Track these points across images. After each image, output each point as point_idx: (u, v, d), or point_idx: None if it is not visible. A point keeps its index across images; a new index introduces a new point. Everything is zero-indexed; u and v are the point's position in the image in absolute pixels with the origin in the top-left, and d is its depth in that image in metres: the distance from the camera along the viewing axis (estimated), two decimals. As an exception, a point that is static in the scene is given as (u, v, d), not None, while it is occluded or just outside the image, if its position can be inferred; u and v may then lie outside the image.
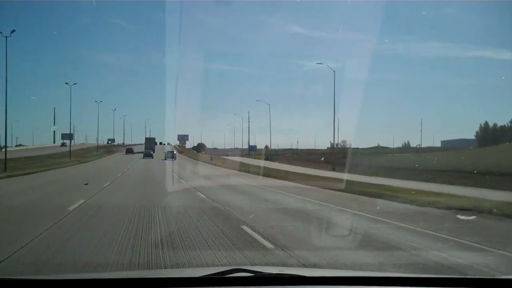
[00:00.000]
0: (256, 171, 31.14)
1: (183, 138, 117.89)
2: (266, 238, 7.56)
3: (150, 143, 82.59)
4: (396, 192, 16.35)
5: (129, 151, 79.26)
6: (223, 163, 48.91)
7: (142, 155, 65.64)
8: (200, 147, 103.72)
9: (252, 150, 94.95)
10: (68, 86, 61.23)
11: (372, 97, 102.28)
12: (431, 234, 8.37)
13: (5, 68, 32.25)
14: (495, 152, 42.33)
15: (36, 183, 21.55)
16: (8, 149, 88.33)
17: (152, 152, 67.97)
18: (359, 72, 60.60)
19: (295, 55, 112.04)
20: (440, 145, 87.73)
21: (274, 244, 7.10)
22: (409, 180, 22.93)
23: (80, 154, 70.03)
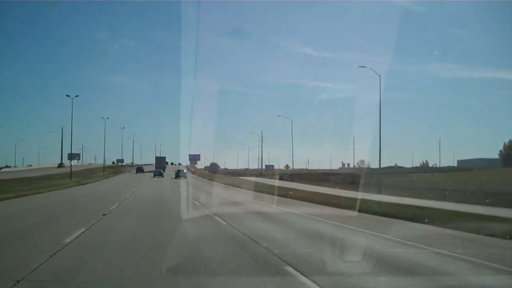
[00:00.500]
0: (284, 194, 26.64)
1: (194, 158, 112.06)
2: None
3: (160, 162, 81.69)
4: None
5: (140, 170, 78.34)
6: (242, 184, 42.51)
7: (151, 174, 64.30)
8: (213, 167, 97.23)
9: (269, 170, 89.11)
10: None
11: (388, 117, 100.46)
12: None
13: None
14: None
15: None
16: (6, 170, 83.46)
17: (162, 171, 66.51)
18: (374, 93, 56.26)
19: (308, 76, 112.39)
20: (456, 164, 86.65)
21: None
22: (456, 203, 20.50)
23: (83, 175, 64.19)
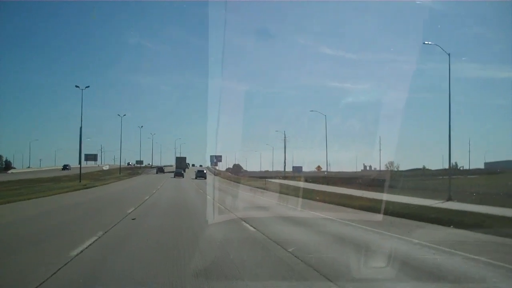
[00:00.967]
0: (321, 199, 23.45)
1: (216, 159, 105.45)
2: None
3: (181, 163, 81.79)
4: None
5: (160, 170, 79.43)
6: (272, 187, 35.53)
7: (171, 175, 64.45)
8: (236, 169, 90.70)
9: (297, 171, 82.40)
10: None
11: (414, 117, 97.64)
12: None
13: None
14: None
15: None
16: (13, 171, 78.57)
17: (183, 172, 66.96)
18: (399, 93, 55.31)
19: (332, 77, 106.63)
20: (484, 167, 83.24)
21: None
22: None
23: (97, 177, 58.29)
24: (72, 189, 30.60)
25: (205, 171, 64.35)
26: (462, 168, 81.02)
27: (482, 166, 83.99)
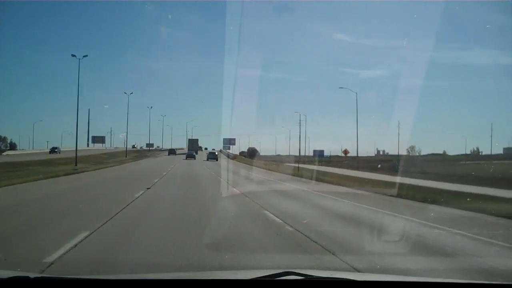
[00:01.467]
0: (377, 185, 20.01)
1: (229, 143, 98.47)
2: None
3: (193, 145, 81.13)
4: None
5: (172, 152, 77.30)
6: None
7: (182, 158, 61.85)
8: (251, 152, 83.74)
9: (320, 156, 75.37)
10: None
11: (430, 103, 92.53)
12: None
13: None
14: None
15: None
16: (9, 153, 72.99)
17: (194, 153, 65.85)
18: (416, 79, 50.91)
19: (347, 63, 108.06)
20: (502, 152, 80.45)
21: None
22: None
23: (99, 160, 52.10)
24: (52, 174, 24.15)
25: (216, 153, 64.99)
26: (481, 153, 79.98)
27: (501, 151, 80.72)
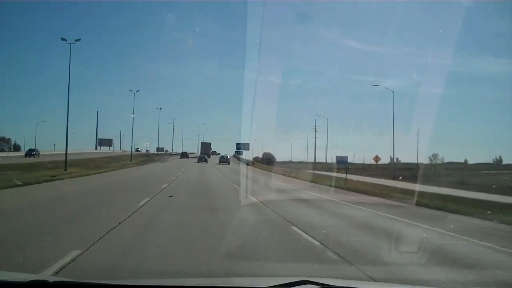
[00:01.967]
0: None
1: (243, 147, 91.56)
2: None
3: (205, 148, 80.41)
4: None
5: (184, 155, 76.68)
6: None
7: (194, 161, 61.62)
8: (267, 158, 77.14)
9: (342, 163, 68.18)
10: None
11: (448, 112, 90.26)
12: None
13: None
14: None
15: None
16: (1, 155, 67.03)
17: (206, 157, 65.79)
18: (434, 87, 54.69)
19: (365, 71, 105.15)
20: None
21: None
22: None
23: (99, 163, 45.58)
24: (18, 182, 17.63)
25: (228, 157, 65.73)
26: (503, 163, 75.73)
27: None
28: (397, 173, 44.15)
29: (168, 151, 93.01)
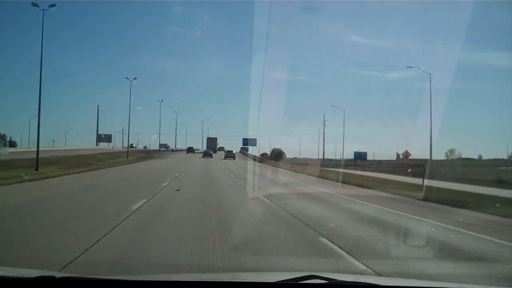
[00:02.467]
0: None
1: (250, 143, 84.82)
2: None
3: (211, 143, 78.75)
4: None
5: (190, 150, 74.20)
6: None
7: (195, 158, 57.11)
8: (277, 154, 71.06)
9: (360, 159, 62.10)
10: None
11: (459, 106, 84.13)
12: None
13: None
14: None
15: None
16: None
17: (212, 152, 64.57)
18: (444, 81, 53.89)
19: (372, 64, 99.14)
20: None
21: None
22: None
23: (83, 161, 39.02)
24: None
25: (234, 152, 64.89)
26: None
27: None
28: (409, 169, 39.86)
29: (169, 147, 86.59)
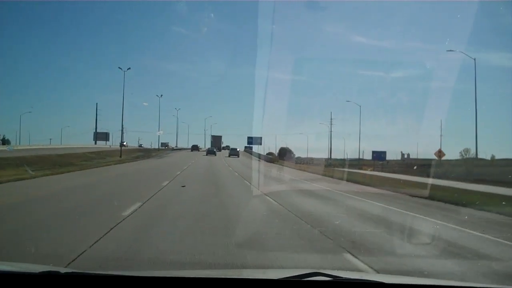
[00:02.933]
0: None
1: (255, 142, 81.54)
2: None
3: (216, 141, 78.69)
4: None
5: (195, 148, 74.74)
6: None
7: (198, 157, 57.04)
8: (284, 153, 68.25)
9: (379, 159, 58.45)
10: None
11: (464, 107, 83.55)
12: None
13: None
14: None
15: None
16: None
17: (215, 150, 64.66)
18: (445, 82, 50.54)
19: (376, 64, 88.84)
20: None
21: None
22: None
23: (69, 160, 36.27)
24: None
25: (238, 150, 65.98)
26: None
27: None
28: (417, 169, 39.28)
29: (169, 145, 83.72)
